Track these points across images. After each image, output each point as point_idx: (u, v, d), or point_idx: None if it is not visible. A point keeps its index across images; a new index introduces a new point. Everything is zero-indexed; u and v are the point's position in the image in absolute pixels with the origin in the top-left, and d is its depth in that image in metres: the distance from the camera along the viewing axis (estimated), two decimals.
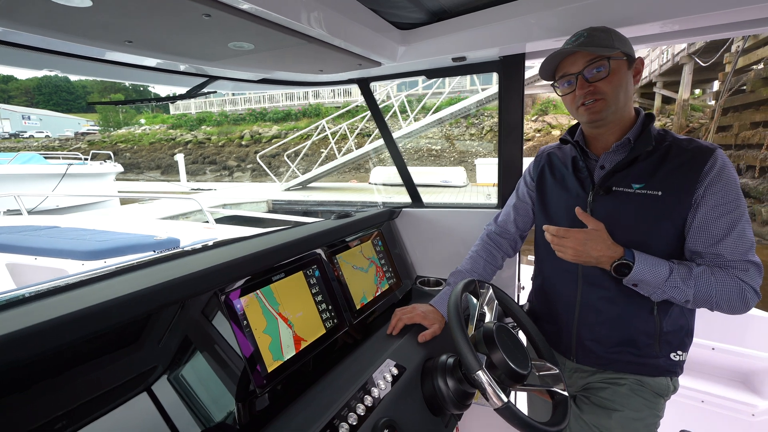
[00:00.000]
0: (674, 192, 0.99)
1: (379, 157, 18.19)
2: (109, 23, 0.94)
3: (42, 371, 0.64)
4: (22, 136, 38.18)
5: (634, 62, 1.04)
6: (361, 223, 1.54)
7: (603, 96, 1.01)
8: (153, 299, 0.76)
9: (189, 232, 3.61)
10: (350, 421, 0.87)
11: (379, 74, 1.70)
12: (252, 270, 1.02)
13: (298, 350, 1.04)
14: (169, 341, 0.81)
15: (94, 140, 32.48)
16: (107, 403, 0.70)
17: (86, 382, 0.68)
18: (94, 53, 1.22)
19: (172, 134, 28.79)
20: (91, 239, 2.92)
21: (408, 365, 1.10)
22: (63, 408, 0.64)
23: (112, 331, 0.73)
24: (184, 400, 0.79)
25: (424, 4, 1.31)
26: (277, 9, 0.97)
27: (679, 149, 1.01)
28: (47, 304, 0.74)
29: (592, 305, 1.12)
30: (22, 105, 46.49)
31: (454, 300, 0.98)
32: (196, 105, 30.56)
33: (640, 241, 1.03)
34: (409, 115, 11.81)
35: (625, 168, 1.05)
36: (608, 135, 1.10)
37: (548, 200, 1.24)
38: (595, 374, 1.18)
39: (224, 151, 25.33)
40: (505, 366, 0.94)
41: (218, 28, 1.02)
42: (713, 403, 1.80)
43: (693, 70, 14.69)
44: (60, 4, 0.80)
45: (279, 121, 26.60)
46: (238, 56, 1.29)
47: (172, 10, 0.88)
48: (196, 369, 0.83)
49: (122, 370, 0.73)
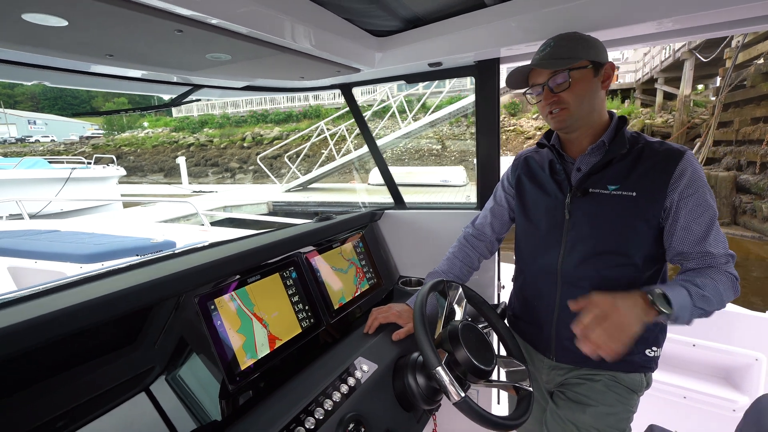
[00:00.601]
0: (647, 193, 1.02)
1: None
2: (87, 40, 0.99)
3: (34, 373, 0.70)
4: (28, 140, 38.57)
5: (602, 68, 1.06)
6: (342, 225, 1.59)
7: (566, 105, 1.06)
8: (121, 303, 0.81)
9: (185, 234, 3.68)
10: (317, 416, 0.91)
11: (360, 80, 1.75)
12: (228, 272, 1.07)
13: (272, 349, 1.09)
14: (146, 341, 0.86)
15: (98, 144, 32.74)
16: (103, 402, 0.76)
17: (79, 383, 0.74)
18: (79, 66, 1.27)
19: (175, 137, 28.95)
20: (90, 243, 2.99)
21: (380, 363, 1.15)
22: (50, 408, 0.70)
23: (97, 332, 0.79)
24: (164, 397, 0.84)
25: (398, 12, 1.35)
26: (248, 23, 1.02)
27: (651, 151, 1.05)
28: (40, 303, 0.79)
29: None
30: (28, 110, 46.96)
31: (420, 300, 1.02)
32: (198, 108, 30.73)
33: (618, 242, 1.06)
34: (408, 115, 11.84)
35: (600, 170, 1.08)
36: (582, 138, 1.13)
37: (527, 203, 1.26)
38: (572, 371, 1.20)
39: (226, 153, 25.46)
40: (468, 363, 0.98)
41: (193, 42, 1.06)
42: (695, 399, 1.83)
43: (694, 66, 14.62)
44: (38, 24, 0.85)
45: (280, 123, 26.69)
46: (218, 66, 1.33)
47: (145, 27, 0.93)
48: (175, 367, 0.88)
49: (105, 366, 0.78)
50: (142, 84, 1.52)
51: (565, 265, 1.14)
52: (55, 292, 0.90)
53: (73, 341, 0.76)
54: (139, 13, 0.83)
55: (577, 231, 1.11)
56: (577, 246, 1.11)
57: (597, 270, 1.09)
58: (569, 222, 1.12)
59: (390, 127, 14.33)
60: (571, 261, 1.12)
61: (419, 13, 1.37)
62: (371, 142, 1.93)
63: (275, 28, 1.10)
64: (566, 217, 1.13)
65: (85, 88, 1.57)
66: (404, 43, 1.49)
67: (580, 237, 1.11)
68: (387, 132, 13.16)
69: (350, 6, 1.25)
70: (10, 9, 0.77)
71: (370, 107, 13.60)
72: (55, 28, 0.88)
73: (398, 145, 18.40)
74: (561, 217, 1.14)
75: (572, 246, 1.12)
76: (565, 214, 1.13)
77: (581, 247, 1.11)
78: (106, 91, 1.59)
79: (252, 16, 1.01)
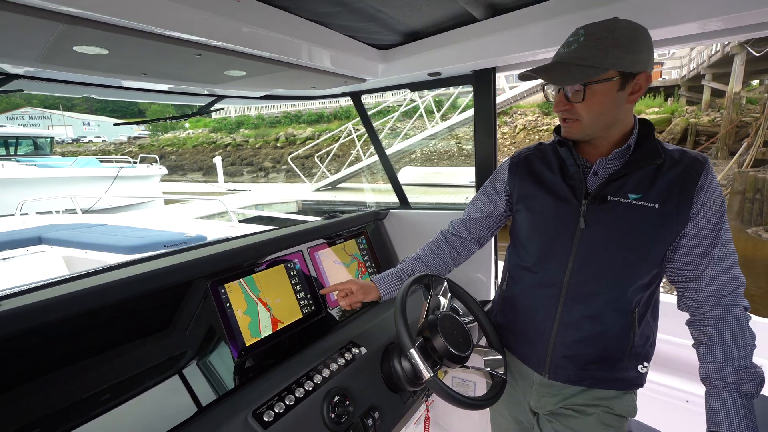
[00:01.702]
0: (672, 206, 0.94)
1: (410, 157, 18.25)
2: (124, 63, 1.19)
3: (82, 350, 0.89)
4: (82, 141, 41.70)
5: (633, 79, 0.90)
6: (347, 223, 1.73)
7: (578, 118, 0.96)
8: (143, 285, 0.99)
9: (215, 230, 3.97)
10: (306, 387, 1.06)
11: (367, 88, 1.88)
12: (237, 262, 1.23)
13: (275, 330, 1.24)
14: (178, 327, 1.04)
15: (144, 144, 34.90)
16: (137, 383, 0.94)
17: (120, 361, 0.93)
18: (120, 83, 1.48)
19: (213, 137, 30.35)
20: (132, 236, 3.31)
21: (370, 347, 1.27)
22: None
23: (134, 317, 0.99)
24: (185, 365, 1.01)
25: (397, 28, 1.47)
26: (258, 46, 1.17)
27: (672, 161, 0.96)
28: (83, 282, 0.99)
29: (573, 323, 1.05)
30: (83, 112, 50.58)
31: (402, 292, 1.13)
32: (235, 109, 32.03)
33: (635, 257, 0.97)
34: (435, 116, 11.87)
35: (621, 176, 0.97)
36: (601, 142, 1.01)
37: (532, 207, 1.13)
38: (563, 394, 1.11)
39: (261, 153, 26.40)
40: (444, 348, 1.09)
41: (211, 62, 1.23)
42: (697, 404, 1.82)
43: (745, 61, 13.69)
44: (84, 53, 1.04)
45: (312, 123, 27.37)
46: (236, 80, 1.51)
47: (169, 52, 1.10)
48: (203, 350, 1.07)
49: (142, 348, 0.98)
50: (174, 95, 1.73)
51: (573, 278, 1.03)
52: (96, 274, 1.09)
53: (113, 324, 0.95)
54: (163, 43, 1.01)
55: (592, 241, 1.00)
56: (589, 258, 1.01)
57: (609, 289, 1.00)
58: (583, 231, 1.01)
59: (420, 127, 14.37)
60: (582, 275, 1.02)
61: (416, 27, 1.48)
62: (378, 145, 2.06)
63: (283, 49, 1.25)
64: (581, 226, 1.01)
65: (128, 100, 1.80)
66: (405, 55, 1.60)
67: (594, 249, 1.00)
68: (416, 132, 13.22)
69: (352, 24, 1.38)
70: (65, 43, 0.96)
71: (399, 107, 13.74)
72: (98, 56, 1.07)
73: (427, 145, 18.41)
74: (574, 225, 1.02)
75: (584, 258, 1.01)
76: (580, 222, 1.01)
77: (594, 260, 1.00)
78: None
79: (261, 38, 1.16)
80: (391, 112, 18.40)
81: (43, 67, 1.16)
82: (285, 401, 1.00)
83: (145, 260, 1.24)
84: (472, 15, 1.36)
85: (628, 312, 1.00)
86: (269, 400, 1.00)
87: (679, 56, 19.23)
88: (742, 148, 12.07)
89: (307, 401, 1.03)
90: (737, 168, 10.72)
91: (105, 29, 0.89)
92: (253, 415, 0.95)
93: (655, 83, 20.74)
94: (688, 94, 18.37)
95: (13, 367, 0.79)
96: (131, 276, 0.97)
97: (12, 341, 0.79)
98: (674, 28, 1.10)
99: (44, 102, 45.24)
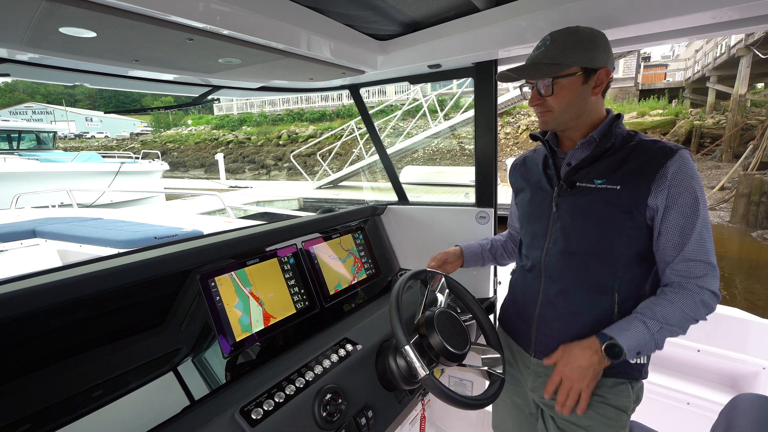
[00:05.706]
0: (631, 187, 1.01)
1: (412, 156, 18.17)
2: (114, 47, 1.15)
3: (75, 345, 0.86)
4: (85, 136, 41.73)
5: (594, 74, 1.03)
6: (343, 217, 1.69)
7: (550, 109, 1.08)
8: (132, 275, 0.96)
9: (212, 225, 3.93)
10: (297, 384, 1.02)
11: (366, 81, 1.84)
12: (228, 254, 1.19)
13: (267, 325, 1.20)
14: (173, 323, 1.00)
15: (146, 140, 34.88)
16: (128, 380, 0.92)
17: (113, 357, 0.91)
18: (113, 70, 1.45)
19: (216, 134, 30.32)
20: (127, 230, 3.28)
21: (365, 344, 1.24)
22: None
23: (129, 312, 0.96)
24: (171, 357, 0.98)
25: (396, 17, 1.42)
26: (253, 32, 1.13)
27: (643, 149, 1.04)
28: (73, 271, 0.96)
29: (551, 300, 1.15)
30: (86, 108, 50.74)
31: (397, 287, 1.10)
32: (238, 106, 32.02)
33: (600, 236, 1.06)
34: (438, 115, 11.82)
35: (589, 164, 1.08)
36: (573, 134, 1.13)
37: (523, 200, 1.28)
38: None
39: (263, 151, 26.37)
40: (440, 346, 1.05)
41: (204, 48, 1.20)
42: (699, 406, 1.79)
43: (751, 63, 13.60)
44: (71, 36, 1.00)
45: (315, 121, 27.32)
46: (232, 69, 1.47)
47: (160, 36, 1.06)
48: (198, 346, 1.03)
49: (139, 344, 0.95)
50: (168, 85, 1.69)
51: (548, 258, 1.15)
52: (85, 264, 1.06)
53: (107, 319, 0.92)
54: (153, 25, 0.97)
55: (562, 223, 1.12)
56: (560, 239, 1.12)
57: (577, 265, 1.09)
58: (555, 215, 1.14)
59: (423, 126, 14.32)
60: (553, 254, 1.13)
61: (417, 17, 1.44)
62: (377, 141, 2.02)
63: (279, 36, 1.21)
64: (553, 210, 1.14)
65: (121, 89, 1.76)
66: (404, 46, 1.56)
67: (563, 230, 1.12)
68: (419, 131, 13.17)
69: (350, 13, 1.34)
70: (50, 24, 0.92)
71: (401, 106, 13.68)
72: (86, 38, 1.03)
73: (430, 144, 18.35)
74: (548, 210, 1.16)
75: (556, 239, 1.13)
76: (552, 207, 1.14)
77: (563, 240, 1.11)
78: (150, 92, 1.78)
79: (256, 25, 1.12)
80: (393, 110, 18.39)
81: (30, 51, 1.13)
82: (275, 398, 0.97)
83: (135, 252, 1.21)
84: (474, 4, 1.32)
85: (604, 293, 1.06)
86: (258, 397, 0.96)
87: (684, 58, 19.14)
88: (747, 150, 11.98)
89: (297, 399, 0.99)
90: (742, 171, 10.64)
91: (90, 8, 0.85)
92: (241, 412, 0.91)
93: (660, 85, 20.61)
94: (692, 96, 18.29)
95: (2, 362, 0.77)
96: (119, 265, 0.94)
97: (1, 335, 0.77)
98: (684, 18, 1.08)
99: (47, 97, 45.39)
